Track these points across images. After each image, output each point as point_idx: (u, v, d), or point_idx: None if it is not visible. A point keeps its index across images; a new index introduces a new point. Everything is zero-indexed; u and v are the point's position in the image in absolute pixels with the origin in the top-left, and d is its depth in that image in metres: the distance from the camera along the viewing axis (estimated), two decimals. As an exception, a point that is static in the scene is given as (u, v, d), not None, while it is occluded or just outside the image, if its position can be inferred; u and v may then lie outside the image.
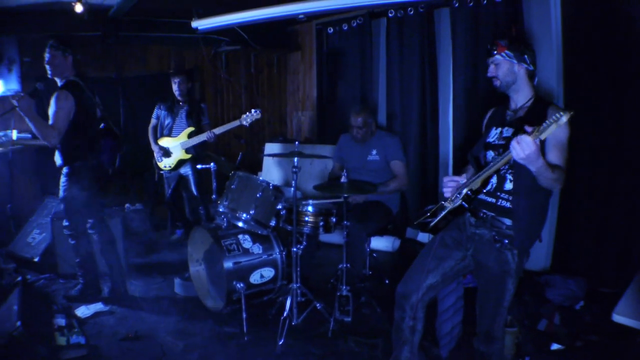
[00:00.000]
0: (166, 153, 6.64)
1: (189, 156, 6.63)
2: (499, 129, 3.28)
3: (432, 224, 3.24)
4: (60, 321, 4.50)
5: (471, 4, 6.13)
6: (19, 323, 3.79)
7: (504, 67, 3.19)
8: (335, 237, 6.37)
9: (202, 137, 6.51)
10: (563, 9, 5.45)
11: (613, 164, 5.21)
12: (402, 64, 7.20)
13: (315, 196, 5.30)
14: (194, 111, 6.67)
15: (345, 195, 4.72)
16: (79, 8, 6.25)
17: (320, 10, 6.36)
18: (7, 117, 6.12)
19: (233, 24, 6.81)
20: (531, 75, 3.22)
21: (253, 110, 6.30)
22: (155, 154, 6.83)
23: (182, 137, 6.55)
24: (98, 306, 5.12)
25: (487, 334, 3.29)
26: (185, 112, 6.69)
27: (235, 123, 6.32)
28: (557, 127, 2.52)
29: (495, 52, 3.20)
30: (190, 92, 6.83)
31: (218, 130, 6.45)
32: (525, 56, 3.17)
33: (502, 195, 3.16)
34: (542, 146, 2.89)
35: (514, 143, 2.61)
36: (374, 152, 5.61)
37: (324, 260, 6.40)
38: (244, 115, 6.29)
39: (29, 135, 6.97)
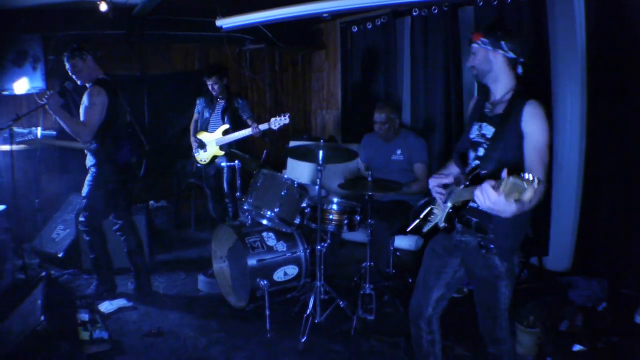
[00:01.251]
0: (201, 145, 6.63)
1: (222, 153, 6.61)
2: (478, 125, 3.16)
3: (424, 229, 3.23)
4: (84, 316, 4.54)
5: (495, 2, 6.07)
6: (42, 318, 3.82)
7: (479, 55, 3.07)
8: (359, 236, 6.36)
9: (234, 136, 6.43)
10: (587, 8, 5.38)
11: (636, 165, 5.15)
12: (427, 63, 7.16)
13: (339, 194, 5.30)
14: (229, 107, 6.65)
15: (370, 193, 4.72)
16: (103, 7, 6.27)
17: (345, 9, 6.35)
18: (32, 114, 6.18)
19: (257, 22, 6.82)
20: (513, 64, 3.06)
21: (282, 115, 6.25)
22: (192, 147, 6.84)
23: (217, 133, 6.54)
24: (121, 302, 5.16)
25: (491, 338, 3.22)
26: (221, 107, 6.67)
27: (264, 126, 6.27)
28: (518, 192, 2.16)
29: (473, 41, 3.10)
30: (227, 88, 6.80)
31: (262, 127, 6.36)
32: (502, 42, 3.01)
33: None
34: (520, 145, 2.84)
35: (477, 192, 2.36)
36: (399, 151, 5.59)
37: (348, 259, 6.40)
38: (273, 119, 6.20)
39: (54, 133, 7.02)
